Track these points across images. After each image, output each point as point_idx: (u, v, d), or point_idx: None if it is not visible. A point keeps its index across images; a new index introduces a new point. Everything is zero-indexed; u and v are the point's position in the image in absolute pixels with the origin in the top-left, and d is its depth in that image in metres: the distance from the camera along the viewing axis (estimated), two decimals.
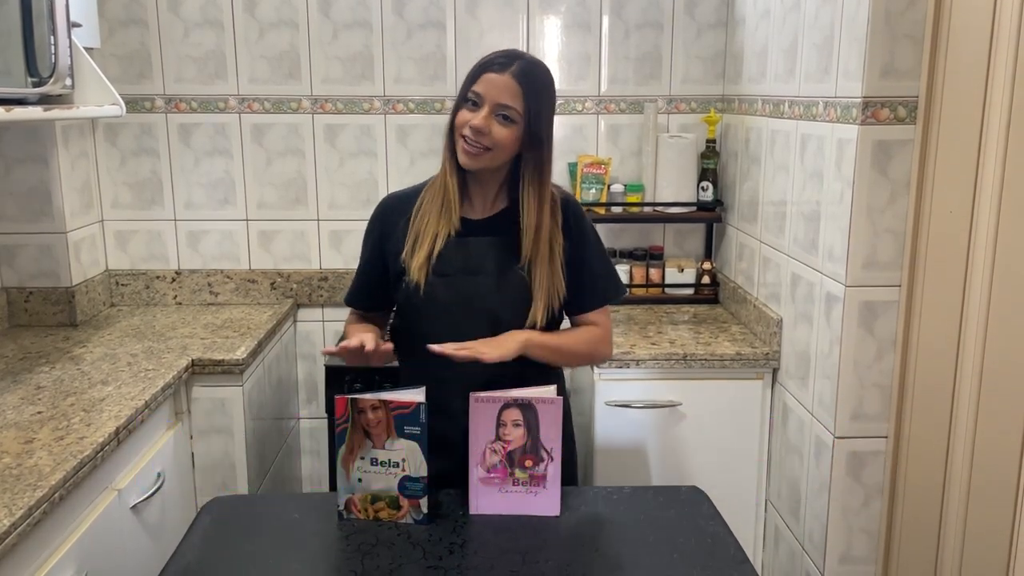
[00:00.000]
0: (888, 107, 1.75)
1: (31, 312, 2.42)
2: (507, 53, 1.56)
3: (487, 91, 1.52)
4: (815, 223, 1.98)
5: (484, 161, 1.55)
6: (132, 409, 1.77)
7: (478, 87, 1.53)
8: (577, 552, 1.38)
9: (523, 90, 1.52)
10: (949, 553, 1.68)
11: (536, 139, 1.56)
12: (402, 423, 1.42)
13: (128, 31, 2.58)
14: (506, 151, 1.55)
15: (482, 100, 1.53)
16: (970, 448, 1.61)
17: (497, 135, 1.52)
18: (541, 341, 1.59)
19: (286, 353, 2.69)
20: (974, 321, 1.59)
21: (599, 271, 1.70)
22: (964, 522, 1.63)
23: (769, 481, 2.31)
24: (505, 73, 1.52)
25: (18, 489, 1.40)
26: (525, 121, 1.53)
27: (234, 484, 2.23)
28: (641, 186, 2.68)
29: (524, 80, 1.52)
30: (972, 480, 1.60)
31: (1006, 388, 1.50)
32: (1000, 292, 1.52)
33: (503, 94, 1.52)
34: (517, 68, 1.53)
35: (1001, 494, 1.51)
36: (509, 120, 1.53)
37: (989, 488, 1.55)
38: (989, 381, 1.55)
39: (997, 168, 1.52)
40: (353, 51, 2.63)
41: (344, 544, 1.40)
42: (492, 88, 1.52)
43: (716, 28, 2.66)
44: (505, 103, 1.52)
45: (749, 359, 2.23)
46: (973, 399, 1.59)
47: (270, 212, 2.71)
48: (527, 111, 1.53)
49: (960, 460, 1.64)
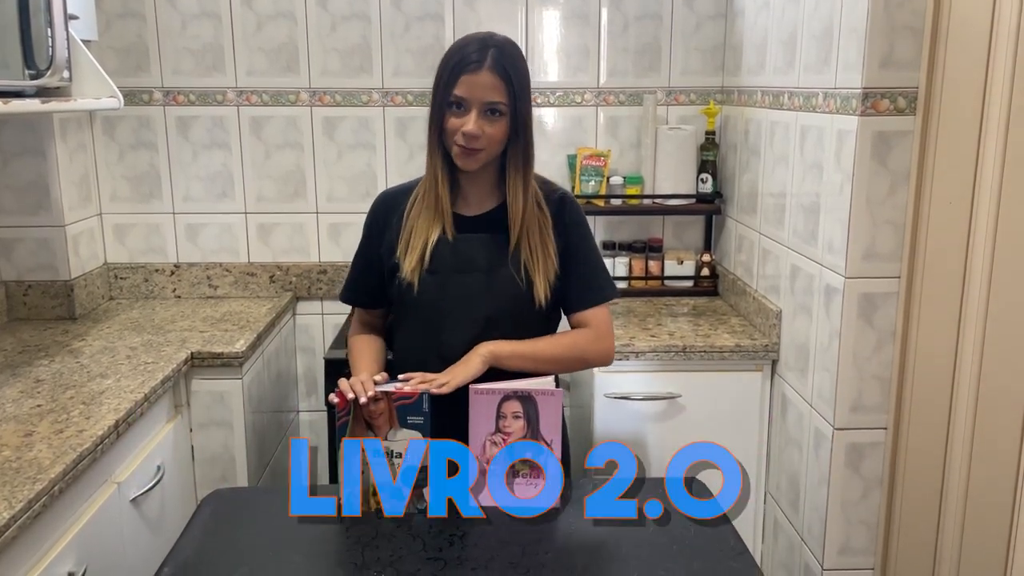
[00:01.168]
0: (888, 98, 1.75)
1: (30, 306, 2.42)
2: (476, 44, 1.52)
3: (470, 93, 1.50)
4: (815, 215, 1.98)
5: (482, 159, 1.55)
6: (131, 402, 1.77)
7: (460, 91, 1.50)
8: (576, 543, 1.39)
9: (504, 81, 1.50)
10: (948, 544, 1.68)
11: (522, 124, 1.55)
12: (405, 413, 1.42)
13: (125, 23, 2.57)
14: (499, 144, 1.55)
15: (467, 103, 1.51)
16: (969, 439, 1.61)
17: (489, 133, 1.52)
18: (511, 350, 1.57)
19: (285, 346, 2.69)
20: (973, 312, 1.59)
21: (595, 268, 1.68)
22: (963, 514, 1.63)
23: (768, 473, 2.31)
24: (483, 70, 1.49)
25: (18, 482, 1.40)
26: (511, 108, 1.52)
27: (234, 477, 2.24)
28: (640, 178, 2.67)
29: (503, 70, 1.50)
30: (971, 471, 1.61)
31: (1005, 379, 1.50)
32: (1000, 283, 1.52)
33: (487, 92, 1.50)
34: (492, 60, 1.50)
35: (1000, 486, 1.51)
36: (498, 114, 1.52)
37: (988, 479, 1.56)
38: (988, 373, 1.55)
39: (997, 159, 1.51)
40: (351, 43, 2.62)
41: (344, 536, 1.40)
42: (475, 89, 1.50)
43: (715, 19, 2.65)
44: (491, 100, 1.50)
45: (748, 351, 2.23)
46: (972, 391, 1.60)
47: (269, 205, 2.71)
48: (512, 100, 1.52)
49: (959, 452, 1.64)
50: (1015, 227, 1.47)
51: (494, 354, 1.56)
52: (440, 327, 1.61)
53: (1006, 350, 1.50)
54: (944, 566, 1.69)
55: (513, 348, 1.57)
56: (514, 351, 1.57)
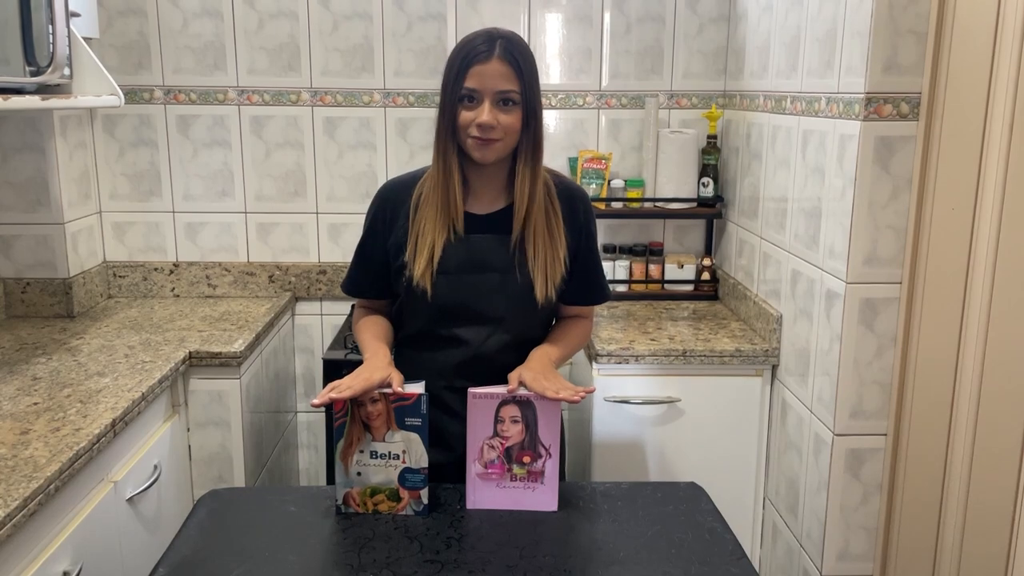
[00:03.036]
0: (891, 103, 1.74)
1: (28, 303, 2.41)
2: (483, 36, 1.52)
3: (482, 84, 1.49)
4: (816, 219, 1.97)
5: (498, 150, 1.53)
6: (129, 401, 1.76)
7: (470, 82, 1.49)
8: (575, 547, 1.38)
9: (515, 69, 1.50)
10: (948, 551, 1.67)
11: (532, 113, 1.54)
12: (403, 415, 1.41)
13: (127, 21, 2.57)
14: (516, 134, 1.53)
15: (479, 94, 1.50)
16: (970, 446, 1.60)
17: (504, 123, 1.50)
18: (558, 355, 1.62)
19: (284, 346, 2.68)
20: (975, 319, 1.58)
21: (597, 268, 1.71)
22: (963, 520, 1.63)
23: (768, 478, 2.30)
24: (492, 59, 1.49)
25: (13, 480, 1.39)
26: (523, 97, 1.51)
27: (231, 477, 2.23)
28: (641, 181, 2.67)
29: (512, 59, 1.50)
30: (971, 478, 1.60)
31: (1006, 386, 1.49)
32: (1001, 290, 1.51)
33: (499, 81, 1.49)
34: (501, 49, 1.49)
35: (1000, 492, 1.50)
36: (511, 103, 1.50)
37: (988, 486, 1.55)
38: (989, 379, 1.55)
39: (1000, 165, 1.51)
40: (353, 43, 2.62)
41: (341, 537, 1.39)
42: (486, 79, 1.49)
43: (718, 22, 2.65)
44: (503, 88, 1.49)
45: (748, 356, 2.22)
46: (973, 397, 1.59)
47: (269, 204, 2.70)
48: (523, 88, 1.51)
49: (960, 458, 1.63)
50: (1017, 234, 1.47)
51: (553, 360, 1.59)
52: (452, 325, 1.60)
53: (1007, 356, 1.50)
54: (944, 572, 1.69)
55: (560, 353, 1.63)
56: (560, 355, 1.63)
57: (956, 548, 1.65)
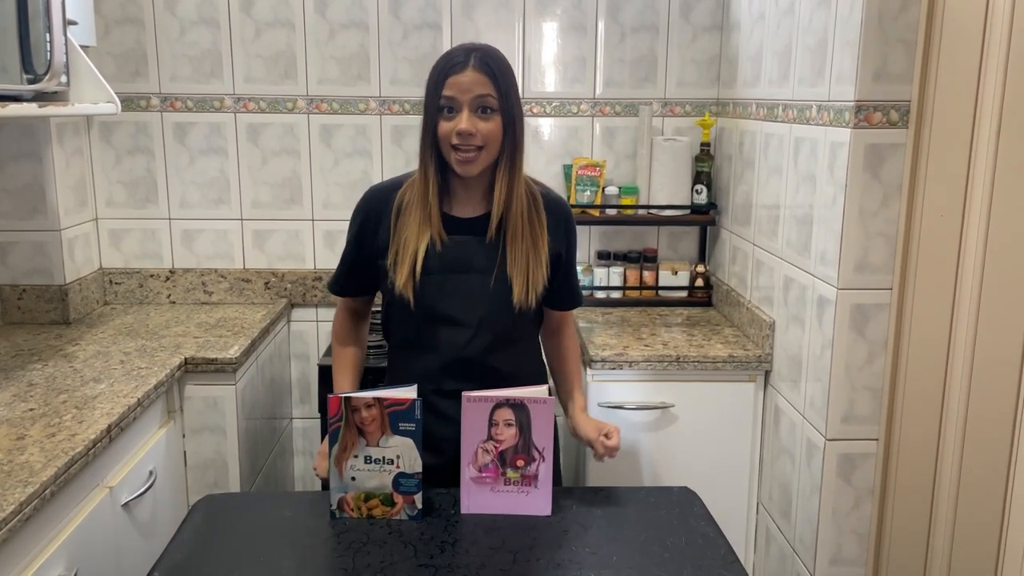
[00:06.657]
0: (881, 111, 1.76)
1: (24, 309, 2.42)
2: (461, 50, 1.56)
3: (459, 93, 1.52)
4: (808, 226, 1.99)
5: (481, 162, 1.56)
6: (124, 407, 1.76)
7: (448, 92, 1.52)
8: (568, 551, 1.39)
9: (490, 76, 1.53)
10: (938, 555, 1.69)
11: (511, 121, 1.56)
12: (397, 420, 1.42)
13: (124, 29, 2.58)
14: (496, 143, 1.56)
15: (458, 103, 1.52)
16: (959, 450, 1.61)
17: (484, 130, 1.53)
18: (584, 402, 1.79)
19: (279, 353, 2.69)
20: (964, 324, 1.60)
21: (575, 274, 1.78)
22: (953, 524, 1.64)
23: (760, 483, 2.31)
24: (468, 69, 1.52)
25: (8, 485, 1.40)
26: (501, 104, 1.54)
27: (226, 483, 2.23)
28: (635, 188, 2.68)
29: (487, 68, 1.53)
30: (961, 482, 1.61)
31: (995, 390, 1.51)
32: (990, 295, 1.53)
33: (475, 87, 1.52)
34: (476, 60, 1.53)
35: (990, 496, 1.52)
36: (490, 110, 1.53)
37: (978, 490, 1.56)
38: (979, 384, 1.56)
39: (988, 172, 1.53)
40: (349, 52, 2.63)
41: (335, 542, 1.40)
42: (463, 88, 1.52)
43: (711, 32, 2.67)
44: (480, 93, 1.52)
45: (742, 361, 2.23)
46: (963, 402, 1.60)
47: (265, 212, 2.71)
48: (501, 95, 1.53)
49: (950, 462, 1.64)
50: (1006, 240, 1.49)
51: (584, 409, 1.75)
52: (435, 328, 1.62)
53: (996, 362, 1.51)
54: None
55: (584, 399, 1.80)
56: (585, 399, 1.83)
57: (947, 552, 1.66)
